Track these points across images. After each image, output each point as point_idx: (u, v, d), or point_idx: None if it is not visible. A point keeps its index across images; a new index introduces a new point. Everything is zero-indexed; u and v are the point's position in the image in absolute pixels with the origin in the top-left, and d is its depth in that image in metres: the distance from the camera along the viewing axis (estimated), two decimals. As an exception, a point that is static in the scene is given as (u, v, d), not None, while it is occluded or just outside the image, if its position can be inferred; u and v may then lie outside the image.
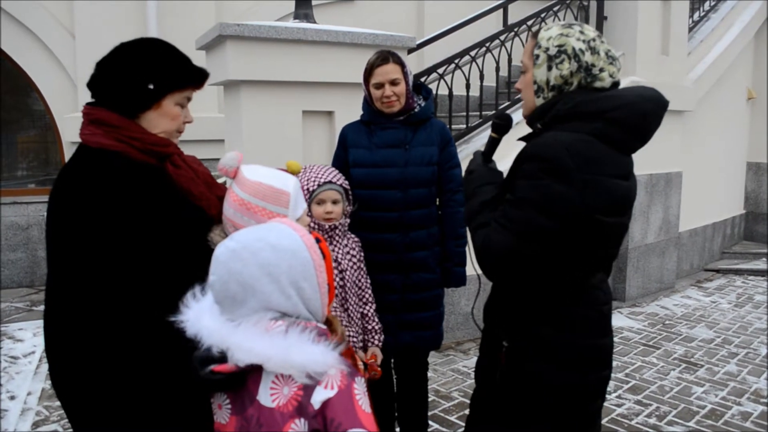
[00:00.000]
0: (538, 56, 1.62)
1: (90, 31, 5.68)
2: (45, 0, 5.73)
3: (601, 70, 1.59)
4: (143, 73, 1.51)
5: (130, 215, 1.45)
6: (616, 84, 1.63)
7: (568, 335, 1.61)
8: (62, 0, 5.76)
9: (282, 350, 1.20)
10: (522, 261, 1.53)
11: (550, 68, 1.60)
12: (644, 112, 1.56)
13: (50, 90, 5.93)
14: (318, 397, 1.19)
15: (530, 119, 1.70)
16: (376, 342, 2.50)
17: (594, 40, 1.60)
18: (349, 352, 2.11)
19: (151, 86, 1.51)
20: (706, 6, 7.61)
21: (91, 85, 1.54)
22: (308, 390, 1.20)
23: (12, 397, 3.61)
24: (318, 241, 1.34)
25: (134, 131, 1.51)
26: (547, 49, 1.61)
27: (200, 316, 1.31)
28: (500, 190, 1.67)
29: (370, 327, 2.50)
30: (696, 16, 7.38)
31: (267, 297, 1.25)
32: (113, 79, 1.51)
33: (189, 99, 1.62)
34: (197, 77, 1.60)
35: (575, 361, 1.62)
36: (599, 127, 1.54)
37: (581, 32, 1.61)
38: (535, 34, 1.66)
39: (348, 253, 2.45)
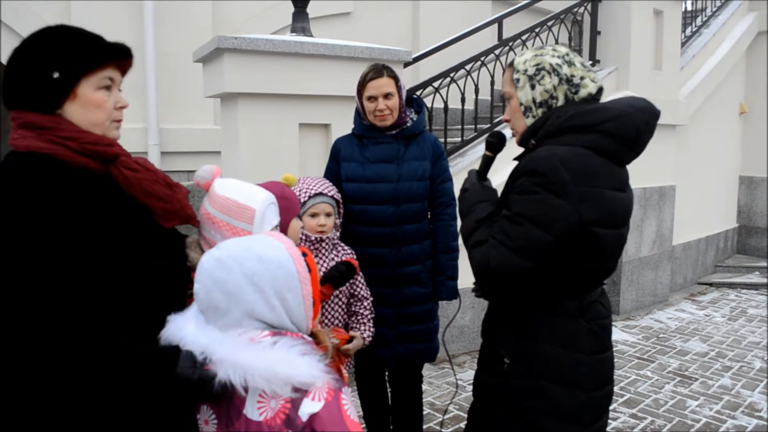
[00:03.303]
0: (518, 80, 1.66)
1: (86, 42, 5.67)
2: (40, 6, 5.73)
3: (582, 78, 1.63)
4: (44, 62, 1.30)
5: (59, 224, 1.23)
6: (600, 89, 1.66)
7: (571, 352, 1.60)
8: (58, 8, 5.76)
9: (267, 363, 1.19)
10: (521, 277, 1.52)
11: (533, 87, 1.63)
12: (636, 122, 1.58)
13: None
14: (306, 409, 1.19)
15: (523, 138, 1.70)
16: (363, 331, 2.45)
17: (567, 54, 1.65)
18: (335, 363, 2.11)
19: (56, 74, 1.30)
20: (698, 21, 7.70)
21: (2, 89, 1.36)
22: (296, 402, 1.20)
23: None
24: (304, 255, 1.34)
25: (68, 130, 1.32)
26: (525, 70, 1.64)
27: (183, 326, 1.29)
28: (496, 208, 1.67)
29: (362, 320, 2.48)
30: (688, 31, 7.46)
31: (251, 306, 1.25)
32: (15, 77, 1.32)
33: (113, 80, 1.40)
34: (110, 53, 1.39)
35: (580, 377, 1.60)
36: (594, 139, 1.54)
37: (554, 50, 1.66)
38: (511, 64, 1.70)
39: None
